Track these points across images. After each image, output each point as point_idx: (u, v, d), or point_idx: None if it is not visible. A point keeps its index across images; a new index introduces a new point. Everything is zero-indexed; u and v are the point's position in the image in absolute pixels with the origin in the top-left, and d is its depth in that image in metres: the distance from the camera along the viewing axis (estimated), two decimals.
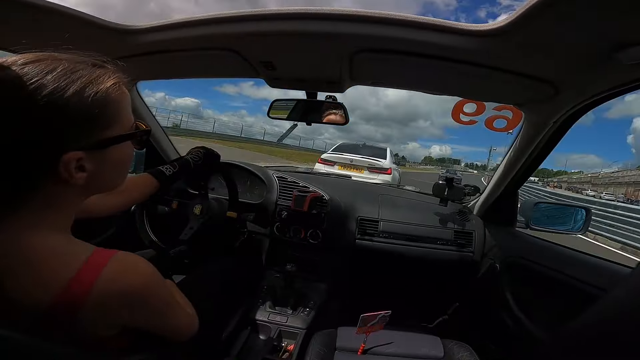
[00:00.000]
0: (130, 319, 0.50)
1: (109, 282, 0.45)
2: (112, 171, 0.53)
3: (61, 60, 0.45)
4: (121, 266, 0.48)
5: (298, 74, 1.04)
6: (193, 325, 0.68)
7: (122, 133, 0.51)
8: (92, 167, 0.47)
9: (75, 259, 0.45)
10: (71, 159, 0.44)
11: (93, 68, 0.48)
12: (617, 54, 0.61)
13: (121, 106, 0.51)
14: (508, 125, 1.37)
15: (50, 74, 0.43)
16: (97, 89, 0.46)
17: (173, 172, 1.03)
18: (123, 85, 0.52)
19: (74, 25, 0.77)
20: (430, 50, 0.75)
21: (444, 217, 1.59)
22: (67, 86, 0.43)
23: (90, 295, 0.44)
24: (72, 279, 0.43)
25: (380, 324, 1.22)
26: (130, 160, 0.58)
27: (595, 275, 0.92)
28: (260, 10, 0.74)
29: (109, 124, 0.49)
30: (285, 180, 1.60)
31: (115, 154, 0.51)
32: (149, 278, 0.51)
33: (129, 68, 1.07)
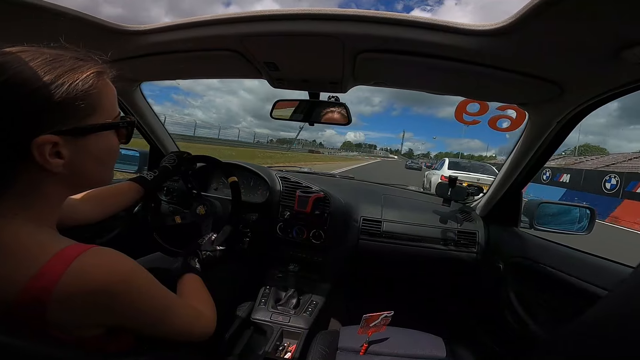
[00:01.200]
0: (107, 317, 0.47)
1: (77, 276, 0.43)
2: (94, 162, 0.52)
3: (44, 52, 0.46)
4: (93, 260, 0.45)
5: (301, 75, 1.04)
6: (201, 326, 0.67)
7: (102, 122, 0.51)
8: (70, 155, 0.47)
9: (47, 251, 0.44)
10: (45, 142, 0.44)
11: (75, 60, 0.48)
12: (622, 53, 0.61)
13: (102, 97, 0.51)
14: (512, 125, 1.37)
15: (32, 62, 0.44)
16: (76, 77, 0.46)
17: (154, 177, 1.07)
18: (106, 77, 0.52)
19: (77, 27, 0.78)
20: (434, 50, 0.75)
21: (447, 217, 1.59)
22: (45, 74, 0.44)
23: (56, 289, 0.41)
24: (39, 271, 0.42)
25: (383, 324, 1.22)
26: (115, 153, 0.56)
27: (599, 275, 0.91)
28: (262, 11, 0.74)
29: (88, 113, 0.48)
30: (288, 180, 1.60)
31: (95, 144, 0.51)
32: (125, 274, 0.48)
33: (132, 69, 1.08)
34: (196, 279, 0.83)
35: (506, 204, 1.46)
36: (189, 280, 0.82)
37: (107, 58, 0.53)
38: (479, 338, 1.52)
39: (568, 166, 21.70)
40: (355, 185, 1.98)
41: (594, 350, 0.28)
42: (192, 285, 0.80)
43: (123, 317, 0.49)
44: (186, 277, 0.83)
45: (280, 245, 1.60)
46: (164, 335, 0.58)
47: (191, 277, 0.83)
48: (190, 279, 0.82)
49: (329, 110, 1.22)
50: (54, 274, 0.42)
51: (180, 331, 0.61)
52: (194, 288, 0.79)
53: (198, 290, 0.79)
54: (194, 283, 0.81)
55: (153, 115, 1.56)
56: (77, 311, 0.44)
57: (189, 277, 0.83)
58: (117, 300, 0.46)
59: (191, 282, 0.81)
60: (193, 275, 0.84)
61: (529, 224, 1.40)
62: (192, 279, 0.82)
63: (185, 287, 0.79)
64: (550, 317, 1.08)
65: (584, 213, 1.40)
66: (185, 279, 0.82)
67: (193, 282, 0.81)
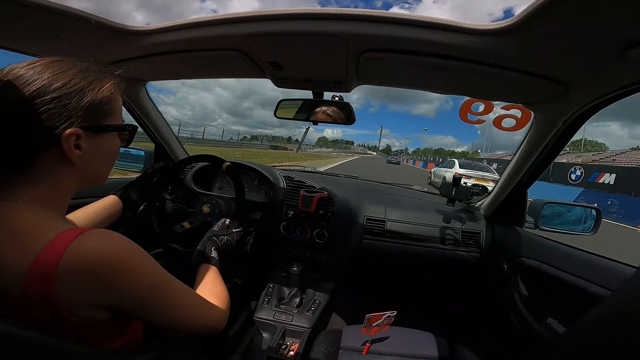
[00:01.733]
0: (109, 295, 0.49)
1: (79, 252, 0.46)
2: (102, 158, 0.61)
3: (78, 63, 0.57)
4: (94, 238, 0.49)
5: (305, 74, 1.04)
6: (209, 319, 0.67)
7: (116, 124, 0.61)
8: (86, 148, 0.55)
9: (52, 231, 0.47)
10: (73, 133, 0.52)
11: (100, 72, 0.59)
12: (627, 52, 0.60)
13: (116, 105, 0.60)
14: (517, 125, 1.35)
15: (71, 70, 0.54)
16: (102, 85, 0.57)
17: (127, 184, 1.12)
18: (119, 88, 0.61)
19: (84, 27, 0.79)
20: (438, 49, 0.75)
21: (451, 217, 1.58)
22: (81, 80, 0.54)
23: (60, 265, 0.44)
24: (44, 248, 0.45)
25: (386, 324, 1.22)
26: (116, 154, 0.64)
27: (604, 275, 0.90)
28: (267, 11, 0.74)
29: (105, 116, 0.58)
30: (292, 179, 1.61)
31: (106, 143, 0.60)
32: (126, 252, 0.51)
33: (138, 69, 1.09)
34: (211, 270, 0.82)
35: (511, 204, 1.45)
36: (203, 271, 0.82)
37: (118, 71, 0.63)
38: (482, 338, 1.51)
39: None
40: (359, 185, 1.98)
41: (597, 350, 0.28)
42: (206, 276, 0.80)
43: (124, 296, 0.51)
44: (201, 268, 0.83)
45: (283, 245, 1.60)
46: (168, 324, 0.59)
47: (206, 267, 0.83)
48: (204, 270, 0.82)
49: (333, 109, 1.22)
50: (58, 250, 0.45)
51: (185, 322, 0.61)
52: (207, 279, 0.79)
53: (211, 281, 0.79)
54: (207, 274, 0.81)
55: (158, 115, 1.57)
56: (81, 287, 0.47)
57: (203, 268, 0.83)
58: (118, 277, 0.49)
59: (205, 273, 0.81)
60: (208, 265, 0.84)
61: (534, 224, 1.39)
62: (206, 270, 0.82)
63: (199, 278, 0.79)
64: (554, 318, 1.07)
65: (589, 213, 1.39)
66: (201, 269, 0.83)
67: (207, 272, 0.81)
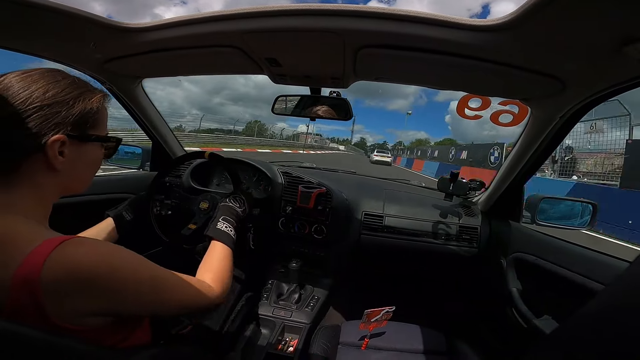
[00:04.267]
0: (98, 301, 0.49)
1: (60, 260, 0.46)
2: (84, 168, 0.62)
3: (70, 75, 0.59)
4: (74, 246, 0.49)
5: (302, 70, 1.04)
6: (205, 300, 0.68)
7: (100, 135, 0.63)
8: (70, 156, 0.56)
9: (35, 240, 0.47)
10: (58, 139, 0.53)
11: (89, 84, 0.61)
12: (624, 48, 0.60)
13: (102, 116, 0.62)
14: (514, 120, 1.36)
15: (64, 80, 0.57)
16: (92, 96, 0.59)
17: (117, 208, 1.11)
18: (106, 102, 0.64)
19: (79, 25, 0.78)
20: (435, 45, 0.74)
21: (449, 212, 1.59)
22: (73, 90, 0.57)
23: (42, 274, 0.44)
24: (26, 258, 0.45)
25: (384, 319, 1.23)
26: (98, 165, 0.66)
27: (600, 271, 0.91)
28: (263, 7, 0.74)
29: (93, 126, 0.60)
30: (290, 175, 1.61)
31: (89, 152, 0.61)
32: (105, 256, 0.51)
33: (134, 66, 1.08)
34: (217, 247, 0.83)
35: (508, 199, 1.46)
36: (210, 249, 0.83)
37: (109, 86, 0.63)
38: (480, 333, 1.53)
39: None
40: (357, 180, 1.98)
41: (589, 345, 0.28)
42: (210, 255, 0.82)
43: (115, 299, 0.51)
44: (211, 245, 0.85)
45: (282, 240, 1.61)
46: (161, 312, 0.60)
47: (213, 245, 0.84)
48: (211, 248, 0.84)
49: (330, 105, 1.21)
50: (39, 259, 0.45)
51: (178, 307, 0.63)
52: (210, 258, 0.81)
53: (214, 260, 0.80)
54: (213, 252, 0.82)
55: (155, 112, 1.56)
56: (67, 295, 0.47)
57: (212, 246, 0.84)
58: (102, 281, 0.49)
59: (211, 251, 0.83)
60: (216, 243, 0.85)
61: (531, 219, 1.40)
62: (213, 248, 0.84)
63: (205, 256, 0.81)
64: (551, 313, 1.08)
65: (586, 208, 1.40)
66: (210, 247, 0.84)
67: (212, 251, 0.83)
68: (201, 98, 50.52)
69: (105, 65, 1.08)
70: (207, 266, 0.77)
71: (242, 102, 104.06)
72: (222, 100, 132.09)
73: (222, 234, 0.86)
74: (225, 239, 0.86)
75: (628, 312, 0.25)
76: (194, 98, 40.16)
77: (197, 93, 42.66)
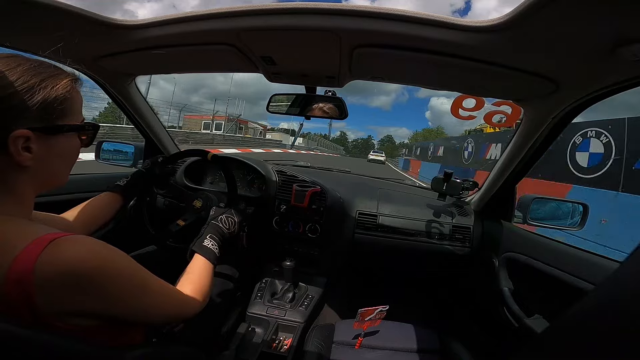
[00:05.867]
0: (90, 300, 0.48)
1: (52, 258, 0.45)
2: (58, 161, 0.57)
3: (30, 60, 0.52)
4: (68, 244, 0.47)
5: (298, 69, 1.04)
6: (182, 312, 0.68)
7: (71, 124, 0.57)
8: (38, 151, 0.51)
9: (24, 239, 0.46)
10: (20, 135, 0.48)
11: (55, 68, 0.55)
12: (620, 50, 0.61)
13: (73, 103, 0.56)
14: (507, 121, 1.37)
15: (20, 66, 0.50)
16: (57, 83, 0.53)
17: (127, 182, 1.09)
18: (78, 86, 0.58)
19: (71, 21, 0.77)
20: (430, 45, 0.75)
21: (442, 211, 1.60)
22: (32, 77, 0.50)
23: (35, 272, 0.43)
24: (17, 257, 0.44)
25: (378, 318, 1.23)
26: (75, 156, 0.61)
27: (591, 271, 0.92)
28: (259, 6, 0.73)
29: (61, 115, 0.54)
30: (284, 174, 1.60)
31: (61, 144, 0.56)
32: (100, 256, 0.50)
33: (127, 63, 1.07)
34: (199, 261, 0.83)
35: (500, 199, 1.47)
36: (193, 262, 0.83)
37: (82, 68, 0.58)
38: (473, 332, 1.54)
39: None
40: (351, 179, 1.98)
41: (576, 346, 0.28)
42: (193, 267, 0.81)
43: (103, 301, 0.50)
44: (194, 258, 0.84)
45: (276, 239, 1.61)
46: (139, 318, 0.59)
47: (196, 258, 0.84)
48: (194, 261, 0.83)
49: (326, 104, 1.21)
50: (31, 257, 0.44)
51: (155, 314, 0.61)
52: (193, 270, 0.80)
53: (196, 272, 0.79)
54: (195, 265, 0.82)
55: (148, 109, 1.55)
56: (59, 294, 0.46)
57: (195, 259, 0.84)
58: (93, 281, 0.48)
59: (194, 264, 0.82)
60: (199, 257, 0.84)
61: (523, 219, 1.41)
62: (196, 261, 0.83)
63: (188, 267, 0.81)
64: (543, 312, 1.09)
65: (576, 208, 1.42)
66: (193, 259, 0.83)
67: (195, 263, 0.82)
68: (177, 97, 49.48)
69: (98, 62, 1.06)
70: (190, 279, 0.76)
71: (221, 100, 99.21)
72: (201, 99, 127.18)
73: (207, 250, 0.86)
74: (209, 255, 0.85)
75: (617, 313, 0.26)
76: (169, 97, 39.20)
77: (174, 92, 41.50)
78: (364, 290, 1.95)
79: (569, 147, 5.55)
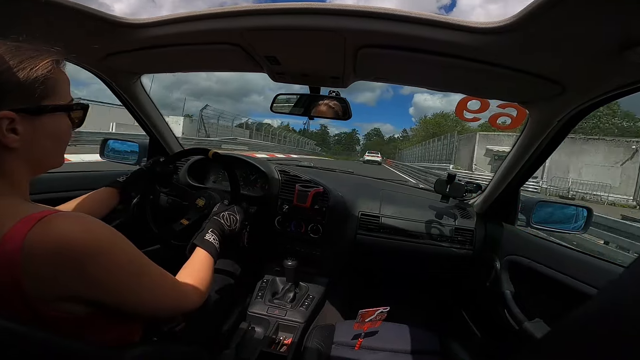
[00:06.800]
0: (78, 283, 0.47)
1: (42, 235, 0.44)
2: (47, 142, 0.56)
3: (7, 43, 0.51)
4: (58, 221, 0.46)
5: (302, 69, 1.04)
6: (182, 305, 0.66)
7: (55, 104, 0.56)
8: (25, 132, 0.51)
9: (12, 218, 0.46)
10: (2, 117, 0.48)
11: (35, 50, 0.53)
12: (624, 52, 0.61)
13: (58, 83, 0.55)
14: (512, 123, 1.37)
15: None
16: (36, 63, 0.51)
17: (126, 179, 1.10)
18: (62, 65, 0.57)
19: (76, 19, 0.77)
20: (435, 47, 0.74)
21: (445, 213, 1.59)
22: (10, 59, 0.49)
23: (23, 251, 0.43)
24: (6, 235, 0.44)
25: (379, 319, 1.23)
26: (65, 136, 0.60)
27: (595, 275, 0.92)
28: (264, 5, 0.73)
29: (44, 96, 0.53)
30: (287, 174, 1.60)
31: (49, 124, 0.55)
32: (95, 234, 0.48)
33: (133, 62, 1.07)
34: (200, 254, 0.82)
35: (504, 202, 1.47)
36: (194, 255, 0.82)
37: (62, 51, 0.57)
38: (474, 335, 1.53)
39: None
40: (354, 180, 1.98)
41: (578, 350, 0.28)
42: (193, 260, 0.81)
43: (95, 283, 0.49)
44: (195, 251, 0.83)
45: (278, 239, 1.61)
46: (137, 307, 0.57)
47: (197, 251, 0.83)
48: (195, 254, 0.82)
49: (330, 104, 1.21)
50: (19, 235, 0.43)
51: (155, 304, 0.60)
52: (193, 262, 0.80)
53: (196, 265, 0.79)
54: (196, 258, 0.81)
55: (153, 108, 1.55)
56: (48, 274, 0.45)
57: (196, 252, 0.83)
58: (86, 261, 0.47)
59: (195, 257, 0.81)
60: (200, 249, 0.83)
61: (526, 222, 1.41)
62: (197, 254, 0.82)
63: (188, 261, 0.80)
64: (545, 316, 1.09)
65: (580, 212, 1.41)
66: (194, 252, 0.83)
67: (196, 256, 0.82)
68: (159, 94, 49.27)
69: (104, 60, 1.07)
70: (189, 272, 0.75)
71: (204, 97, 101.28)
72: (182, 96, 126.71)
73: (208, 244, 0.85)
74: (210, 249, 0.84)
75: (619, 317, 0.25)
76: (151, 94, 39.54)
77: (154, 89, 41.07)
78: (365, 291, 1.95)
79: None
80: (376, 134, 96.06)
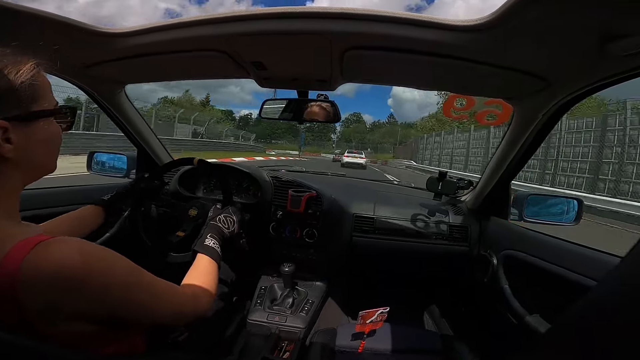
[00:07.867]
0: (79, 303, 0.47)
1: (37, 260, 0.44)
2: (40, 148, 0.55)
3: None
4: (53, 245, 0.47)
5: (289, 74, 1.03)
6: (194, 309, 0.67)
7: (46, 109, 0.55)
8: (19, 140, 0.50)
9: (8, 242, 0.45)
10: None
11: (17, 56, 0.52)
12: (606, 45, 0.62)
13: (42, 87, 0.54)
14: (498, 119, 1.38)
15: None
16: (20, 68, 0.50)
17: (111, 196, 1.11)
18: (42, 69, 0.55)
19: (58, 30, 0.76)
20: (420, 46, 0.75)
21: (439, 211, 1.60)
22: None
23: (21, 275, 0.43)
24: (3, 259, 0.43)
25: (380, 320, 1.22)
26: (58, 140, 0.59)
27: (588, 266, 0.92)
28: (248, 11, 0.73)
29: (32, 101, 0.52)
30: (279, 179, 1.60)
31: (41, 130, 0.54)
32: (90, 257, 0.48)
33: (116, 71, 1.06)
34: (203, 260, 0.82)
35: (495, 197, 1.48)
36: (196, 262, 0.82)
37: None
38: (474, 332, 1.54)
39: None
40: (346, 183, 1.98)
41: (578, 342, 0.28)
42: (196, 267, 0.80)
43: (95, 302, 0.49)
44: (197, 258, 0.83)
45: (273, 245, 1.59)
46: (141, 318, 0.57)
47: (199, 257, 0.83)
48: (197, 260, 0.82)
49: (318, 108, 1.21)
50: (16, 260, 0.43)
51: (159, 314, 0.60)
52: (196, 269, 0.79)
53: (199, 272, 0.79)
54: (199, 264, 0.81)
55: (139, 118, 1.53)
56: (47, 297, 0.45)
57: (198, 258, 0.83)
58: (85, 282, 0.47)
59: (197, 264, 0.81)
60: (202, 256, 0.83)
61: (518, 215, 1.42)
62: (199, 260, 0.82)
63: (191, 268, 0.80)
64: (544, 310, 1.09)
65: (571, 204, 1.43)
66: (196, 259, 0.83)
67: (198, 263, 0.81)
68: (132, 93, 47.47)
69: (86, 71, 1.05)
70: (193, 279, 0.75)
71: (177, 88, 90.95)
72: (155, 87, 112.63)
73: (209, 249, 0.85)
74: (212, 254, 0.84)
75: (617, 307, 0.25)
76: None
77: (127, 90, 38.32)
78: (364, 293, 1.94)
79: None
80: (357, 119, 74.94)
